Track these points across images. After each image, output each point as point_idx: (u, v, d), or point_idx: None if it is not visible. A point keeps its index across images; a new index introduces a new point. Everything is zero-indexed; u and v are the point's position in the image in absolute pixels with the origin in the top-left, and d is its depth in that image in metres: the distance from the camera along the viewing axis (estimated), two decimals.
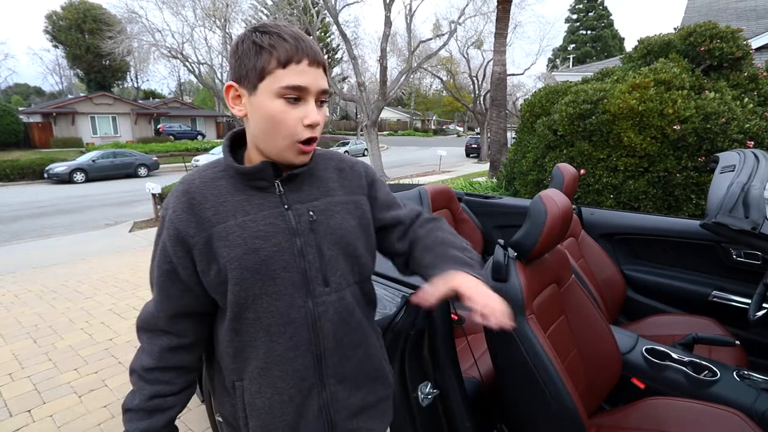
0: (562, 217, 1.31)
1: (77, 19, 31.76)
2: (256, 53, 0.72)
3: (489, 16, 19.40)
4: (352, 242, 0.84)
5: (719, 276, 2.16)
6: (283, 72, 0.72)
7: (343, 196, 0.86)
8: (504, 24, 8.88)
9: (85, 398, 2.51)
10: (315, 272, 0.80)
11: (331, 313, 0.81)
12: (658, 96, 3.37)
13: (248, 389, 0.81)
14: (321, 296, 0.80)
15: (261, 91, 0.73)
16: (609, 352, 1.49)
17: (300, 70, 0.72)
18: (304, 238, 0.79)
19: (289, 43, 0.72)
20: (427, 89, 49.18)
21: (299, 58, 0.72)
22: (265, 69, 0.72)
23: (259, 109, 0.74)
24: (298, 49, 0.72)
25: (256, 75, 0.73)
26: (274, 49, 0.71)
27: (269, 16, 22.06)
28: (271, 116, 0.73)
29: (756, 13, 9.20)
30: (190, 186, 0.79)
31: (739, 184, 1.41)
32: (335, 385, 0.84)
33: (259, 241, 0.76)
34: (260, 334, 0.79)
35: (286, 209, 0.80)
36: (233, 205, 0.77)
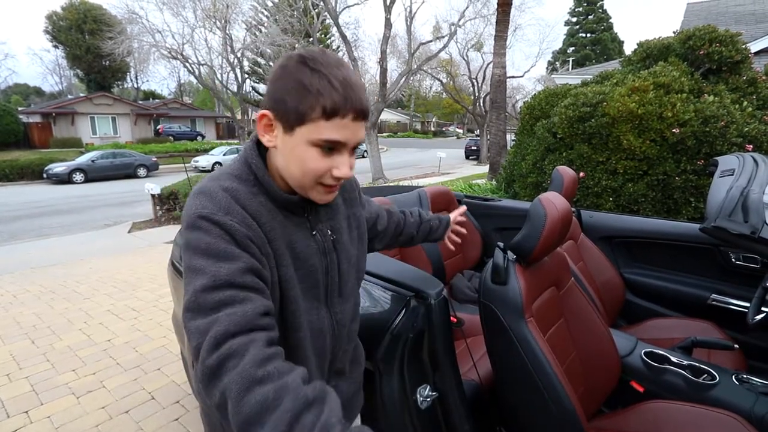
0: (561, 219, 1.31)
1: (77, 20, 31.78)
2: (301, 95, 0.67)
3: (489, 18, 19.45)
4: (357, 254, 0.92)
5: (718, 279, 2.17)
6: (325, 124, 0.68)
7: (346, 210, 0.92)
8: (504, 26, 8.90)
9: (83, 399, 2.51)
10: (334, 286, 0.86)
11: (345, 320, 0.89)
12: (657, 99, 3.38)
13: None
14: (337, 306, 0.87)
15: (297, 134, 0.69)
16: (608, 355, 1.49)
17: (343, 125, 0.68)
18: (330, 257, 0.84)
19: (337, 93, 0.66)
20: (426, 91, 49.24)
21: (345, 112, 0.68)
22: (306, 116, 0.67)
23: (292, 150, 0.71)
24: (347, 101, 0.67)
25: (297, 118, 0.68)
26: (321, 96, 0.66)
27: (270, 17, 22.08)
28: (303, 162, 0.71)
29: (755, 17, 9.23)
30: (237, 196, 0.72)
31: (739, 188, 1.41)
32: (335, 379, 0.93)
33: (300, 262, 0.78)
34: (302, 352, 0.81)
35: (312, 232, 0.82)
36: (278, 225, 0.76)
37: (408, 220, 1.25)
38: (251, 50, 23.37)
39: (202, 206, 0.69)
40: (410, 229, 1.25)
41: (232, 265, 0.65)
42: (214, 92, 22.97)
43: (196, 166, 18.79)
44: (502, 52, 9.05)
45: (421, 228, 1.28)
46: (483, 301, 1.33)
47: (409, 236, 1.26)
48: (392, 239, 1.23)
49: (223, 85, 22.73)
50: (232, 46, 19.85)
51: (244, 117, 22.99)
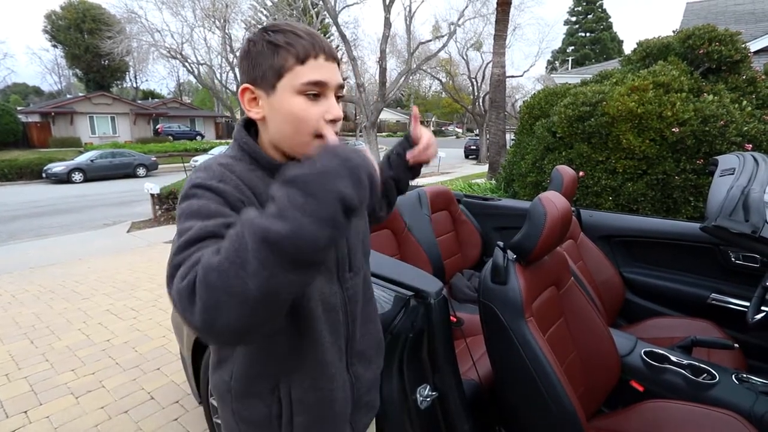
0: (561, 219, 1.31)
1: (76, 19, 31.72)
2: (273, 52, 0.71)
3: (488, 18, 19.45)
4: (361, 226, 0.92)
5: (718, 279, 2.17)
6: (302, 68, 0.71)
7: None
8: (503, 26, 8.89)
9: (82, 399, 2.50)
10: (343, 259, 0.85)
11: (357, 295, 0.88)
12: (656, 98, 3.38)
13: (298, 385, 0.81)
14: (348, 280, 0.86)
15: (280, 89, 0.72)
16: (608, 354, 1.49)
17: (318, 65, 0.72)
18: None
19: (305, 39, 0.72)
20: (426, 91, 49.22)
21: (316, 53, 0.72)
22: (283, 67, 0.71)
23: (280, 108, 0.73)
24: (314, 44, 0.72)
25: (274, 74, 0.72)
26: (291, 46, 0.71)
27: (269, 17, 22.07)
28: (293, 114, 0.72)
29: (754, 16, 9.23)
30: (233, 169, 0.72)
31: (739, 188, 1.41)
32: (357, 364, 0.90)
33: None
34: (313, 324, 0.79)
35: None
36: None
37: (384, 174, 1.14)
38: None
39: (196, 177, 0.70)
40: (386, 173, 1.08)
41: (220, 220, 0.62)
42: (214, 92, 22.97)
43: (195, 166, 18.71)
44: (502, 52, 9.05)
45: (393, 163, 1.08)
46: (483, 300, 1.33)
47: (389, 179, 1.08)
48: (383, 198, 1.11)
49: (223, 84, 22.73)
50: (231, 45, 19.84)
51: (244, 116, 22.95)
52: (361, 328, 0.90)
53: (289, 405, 0.81)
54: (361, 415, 0.94)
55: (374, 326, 0.96)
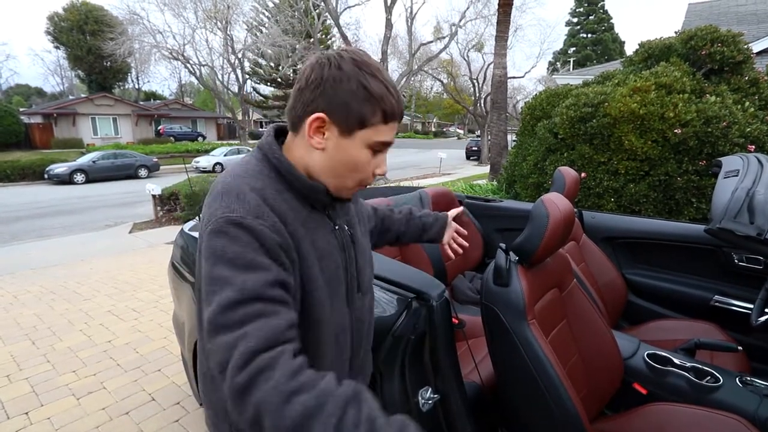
0: (564, 220, 1.30)
1: (79, 21, 31.83)
2: (365, 100, 0.69)
3: (490, 19, 19.45)
4: (368, 248, 0.94)
5: (721, 281, 2.16)
6: (384, 128, 0.73)
7: (354, 207, 0.94)
8: (505, 27, 8.89)
9: (84, 400, 2.50)
10: (353, 282, 0.85)
11: (364, 315, 0.90)
12: (659, 99, 3.37)
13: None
14: (356, 301, 0.87)
15: (357, 137, 0.72)
16: (611, 357, 1.48)
17: (393, 128, 0.75)
18: (348, 252, 0.84)
19: (394, 98, 0.72)
20: (427, 92, 49.25)
21: (396, 117, 0.74)
22: (369, 120, 0.71)
23: (346, 152, 0.73)
24: (399, 106, 0.73)
25: (358, 122, 0.70)
26: (384, 102, 0.70)
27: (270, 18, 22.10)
28: (356, 163, 0.74)
29: (756, 17, 9.21)
30: (264, 195, 0.70)
31: (744, 189, 1.40)
32: (357, 377, 0.92)
33: (326, 261, 0.78)
34: (324, 348, 0.80)
35: (334, 227, 0.82)
36: (302, 222, 0.74)
37: (394, 217, 1.23)
38: (252, 51, 23.42)
39: (230, 209, 0.66)
40: (397, 227, 1.23)
41: (260, 276, 0.63)
42: (215, 93, 23.00)
43: (196, 167, 18.79)
44: (503, 53, 9.04)
45: (411, 225, 1.25)
46: (485, 302, 1.32)
47: (395, 234, 1.24)
48: (378, 237, 1.21)
49: (224, 85, 22.76)
50: (233, 46, 19.88)
51: (245, 118, 23.03)
52: (364, 345, 0.92)
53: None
54: None
55: (368, 341, 0.98)
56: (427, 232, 1.27)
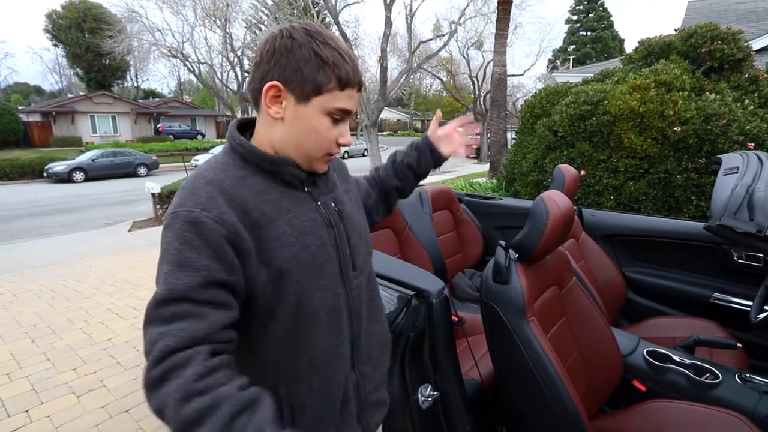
0: (563, 218, 1.30)
1: (77, 18, 31.74)
2: (318, 66, 0.71)
3: (489, 16, 19.40)
4: (362, 225, 0.92)
5: (720, 278, 2.16)
6: (339, 94, 0.73)
7: (342, 185, 0.93)
8: (504, 25, 8.87)
9: (84, 398, 2.50)
10: (347, 259, 0.84)
11: (361, 295, 0.87)
12: (658, 97, 3.36)
13: (295, 391, 0.79)
14: (352, 281, 0.85)
15: (313, 104, 0.73)
16: (610, 354, 1.49)
17: (352, 95, 0.75)
18: (337, 229, 0.83)
19: (349, 66, 0.73)
20: (427, 90, 49.15)
21: (353, 84, 0.74)
22: (323, 86, 0.72)
23: (305, 120, 0.74)
24: (355, 72, 0.74)
25: (313, 88, 0.72)
26: (337, 68, 0.72)
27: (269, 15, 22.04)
28: (317, 131, 0.75)
29: (756, 14, 9.20)
30: (222, 186, 0.71)
31: (744, 186, 1.40)
32: (364, 364, 0.89)
33: (308, 237, 0.77)
34: (314, 330, 0.78)
35: (316, 204, 0.82)
36: (273, 204, 0.74)
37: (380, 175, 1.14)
38: (251, 49, 23.34)
39: (180, 203, 0.69)
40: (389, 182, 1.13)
41: (193, 277, 0.64)
42: (214, 91, 22.96)
43: (196, 165, 18.68)
44: (503, 51, 9.02)
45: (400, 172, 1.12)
46: (484, 300, 1.32)
47: (393, 188, 1.13)
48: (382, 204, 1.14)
49: (223, 83, 22.73)
50: (232, 44, 19.85)
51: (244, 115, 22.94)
52: (366, 328, 0.89)
53: (290, 410, 0.80)
54: (371, 413, 0.93)
55: (380, 326, 0.95)
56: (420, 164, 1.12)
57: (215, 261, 0.66)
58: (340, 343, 0.82)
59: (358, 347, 0.87)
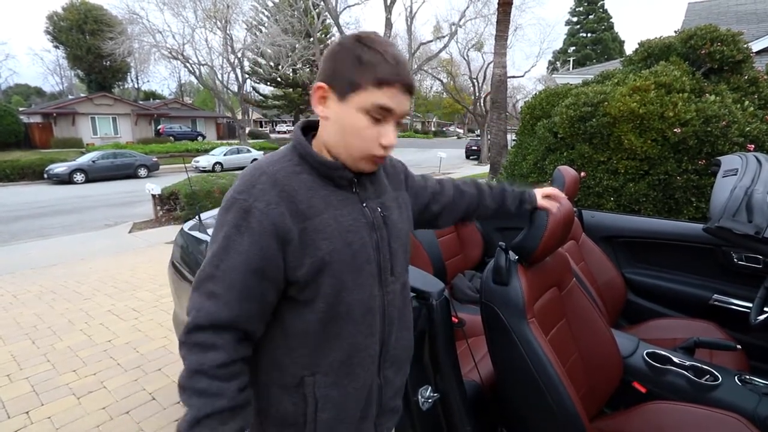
0: (563, 220, 1.30)
1: (78, 20, 31.79)
2: (355, 65, 0.74)
3: (489, 18, 19.44)
4: (406, 233, 0.93)
5: (720, 279, 2.16)
6: (376, 91, 0.74)
7: (393, 192, 0.94)
8: (504, 26, 8.88)
9: (84, 400, 2.50)
10: (386, 264, 0.86)
11: (396, 300, 0.89)
12: (658, 99, 3.37)
13: (322, 382, 0.82)
14: (389, 285, 0.87)
15: (351, 101, 0.75)
16: (610, 355, 1.49)
17: (392, 94, 0.75)
18: (380, 233, 0.85)
19: (389, 65, 0.74)
20: (427, 91, 49.22)
21: (394, 82, 0.74)
22: (360, 84, 0.73)
23: (343, 118, 0.76)
24: (397, 72, 0.74)
25: (351, 86, 0.74)
26: (374, 67, 0.73)
27: (270, 17, 22.08)
28: (354, 129, 0.76)
29: (756, 16, 9.21)
30: (276, 177, 0.76)
31: (742, 188, 1.40)
32: (388, 368, 0.91)
33: (351, 235, 0.79)
34: (348, 326, 0.81)
35: (364, 206, 0.84)
36: (322, 199, 0.78)
37: (483, 203, 1.20)
38: (252, 50, 23.40)
39: (237, 190, 0.76)
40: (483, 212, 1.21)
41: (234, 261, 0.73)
42: (215, 92, 22.99)
43: (196, 167, 18.77)
44: (503, 52, 9.03)
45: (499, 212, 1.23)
46: (484, 301, 1.33)
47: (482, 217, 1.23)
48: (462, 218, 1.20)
49: (224, 85, 22.76)
50: (232, 46, 19.88)
51: (245, 117, 23.01)
52: (397, 333, 0.91)
53: (314, 401, 0.82)
54: (386, 419, 0.95)
55: (408, 333, 0.96)
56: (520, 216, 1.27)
57: (257, 248, 0.73)
58: (370, 344, 0.85)
59: (386, 351, 0.89)
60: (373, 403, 0.89)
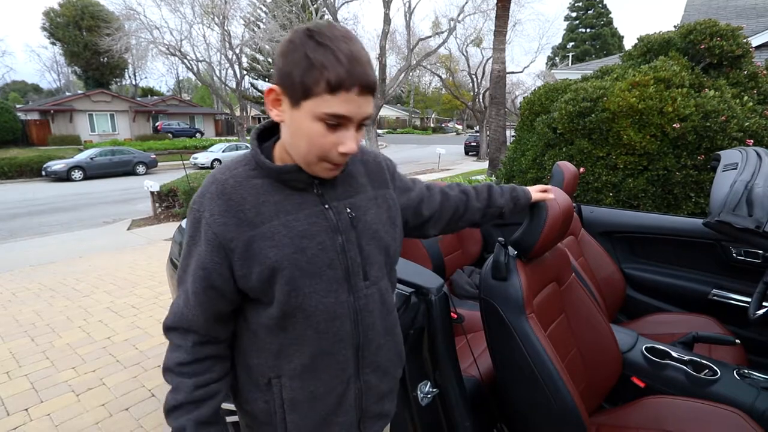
0: (563, 215, 1.30)
1: (75, 16, 31.59)
2: (307, 69, 0.67)
3: (488, 13, 19.36)
4: (384, 236, 0.87)
5: (719, 274, 2.16)
6: (330, 98, 0.67)
7: (372, 191, 0.89)
8: (503, 22, 8.85)
9: (83, 397, 2.50)
10: (356, 268, 0.82)
11: (371, 306, 0.84)
12: (657, 94, 3.36)
13: (288, 385, 0.82)
14: (362, 290, 0.83)
15: (303, 108, 0.70)
16: (609, 350, 1.49)
17: (348, 99, 0.68)
18: (346, 236, 0.81)
19: (342, 67, 0.66)
20: (426, 87, 49.10)
21: (350, 85, 0.67)
22: (311, 90, 0.67)
23: (298, 125, 0.71)
24: (351, 74, 0.67)
25: (302, 92, 0.68)
26: (326, 70, 0.66)
27: (268, 13, 21.97)
28: (308, 137, 0.71)
29: (756, 11, 9.19)
30: (225, 186, 0.76)
31: (743, 183, 1.39)
32: (369, 374, 0.87)
33: (306, 241, 0.76)
34: (308, 332, 0.79)
35: (326, 208, 0.80)
36: (274, 205, 0.76)
37: (470, 205, 1.11)
38: (249, 46, 23.28)
39: (195, 196, 0.79)
40: (471, 216, 1.12)
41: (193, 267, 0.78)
42: (213, 89, 22.89)
43: (195, 163, 18.73)
44: (502, 48, 9.01)
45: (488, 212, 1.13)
46: (483, 297, 1.32)
47: (470, 222, 1.14)
48: (449, 225, 1.11)
49: (222, 81, 22.67)
50: (230, 42, 19.78)
51: (243, 114, 22.93)
52: (378, 340, 0.87)
53: (281, 401, 0.82)
54: (372, 423, 0.93)
55: (393, 339, 0.92)
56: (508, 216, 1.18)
57: (205, 257, 0.76)
58: (338, 350, 0.82)
59: (364, 357, 0.85)
60: (351, 408, 0.86)
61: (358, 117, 0.71)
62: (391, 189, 0.94)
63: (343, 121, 0.70)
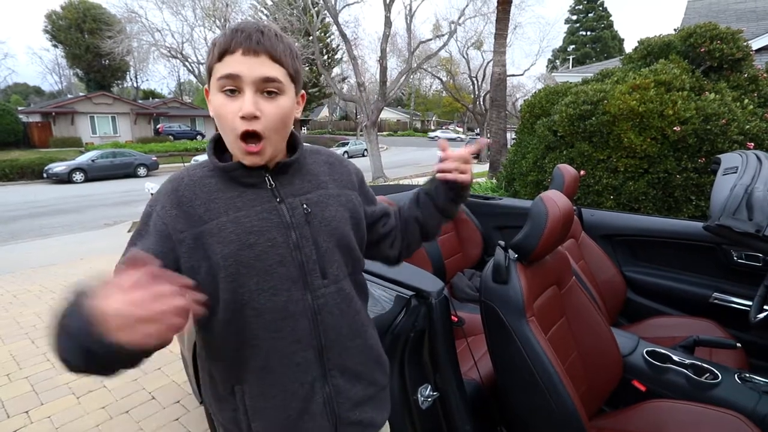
0: (563, 218, 1.30)
1: (77, 19, 31.71)
2: (209, 52, 0.75)
3: (489, 16, 19.41)
4: (346, 234, 0.85)
5: (720, 278, 2.16)
6: (219, 65, 0.73)
7: (336, 189, 0.88)
8: (504, 25, 8.87)
9: (83, 399, 2.50)
10: (312, 265, 0.80)
11: (330, 305, 0.82)
12: (658, 97, 3.36)
13: (249, 392, 0.80)
14: (319, 289, 0.81)
15: (210, 89, 0.76)
16: (610, 354, 1.49)
17: (233, 60, 0.72)
18: (300, 231, 0.79)
19: (225, 36, 0.72)
20: (426, 90, 49.18)
21: (233, 48, 0.71)
22: (211, 68, 0.74)
23: (212, 107, 0.76)
24: (233, 39, 0.72)
25: (208, 74, 0.76)
26: (215, 45, 0.73)
27: (269, 16, 22.04)
28: (216, 112, 0.75)
29: (756, 14, 9.21)
30: (179, 184, 0.79)
31: (743, 186, 1.40)
32: (338, 378, 0.84)
33: (254, 237, 0.76)
34: (260, 332, 0.77)
35: (279, 203, 0.80)
36: (224, 202, 0.77)
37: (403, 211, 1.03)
38: None
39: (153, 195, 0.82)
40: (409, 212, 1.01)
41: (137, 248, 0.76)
42: None
43: None
44: (502, 51, 9.02)
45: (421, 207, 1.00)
46: (484, 300, 1.32)
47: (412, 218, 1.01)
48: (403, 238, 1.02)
49: None
50: None
51: None
52: (344, 342, 0.84)
53: (245, 410, 0.81)
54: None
55: (364, 341, 0.89)
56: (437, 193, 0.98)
57: (154, 245, 0.74)
58: (296, 351, 0.79)
59: (328, 359, 0.83)
60: (320, 414, 0.82)
61: (250, 77, 0.71)
62: (357, 193, 0.92)
63: (235, 83, 0.72)
